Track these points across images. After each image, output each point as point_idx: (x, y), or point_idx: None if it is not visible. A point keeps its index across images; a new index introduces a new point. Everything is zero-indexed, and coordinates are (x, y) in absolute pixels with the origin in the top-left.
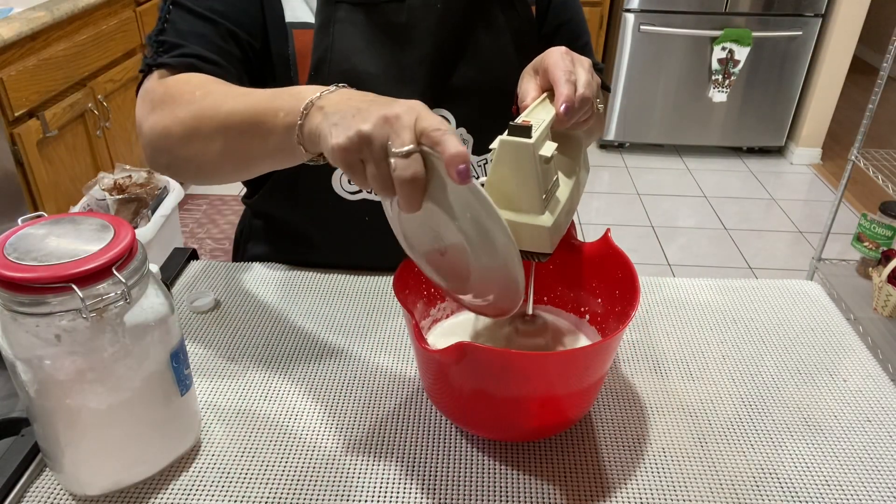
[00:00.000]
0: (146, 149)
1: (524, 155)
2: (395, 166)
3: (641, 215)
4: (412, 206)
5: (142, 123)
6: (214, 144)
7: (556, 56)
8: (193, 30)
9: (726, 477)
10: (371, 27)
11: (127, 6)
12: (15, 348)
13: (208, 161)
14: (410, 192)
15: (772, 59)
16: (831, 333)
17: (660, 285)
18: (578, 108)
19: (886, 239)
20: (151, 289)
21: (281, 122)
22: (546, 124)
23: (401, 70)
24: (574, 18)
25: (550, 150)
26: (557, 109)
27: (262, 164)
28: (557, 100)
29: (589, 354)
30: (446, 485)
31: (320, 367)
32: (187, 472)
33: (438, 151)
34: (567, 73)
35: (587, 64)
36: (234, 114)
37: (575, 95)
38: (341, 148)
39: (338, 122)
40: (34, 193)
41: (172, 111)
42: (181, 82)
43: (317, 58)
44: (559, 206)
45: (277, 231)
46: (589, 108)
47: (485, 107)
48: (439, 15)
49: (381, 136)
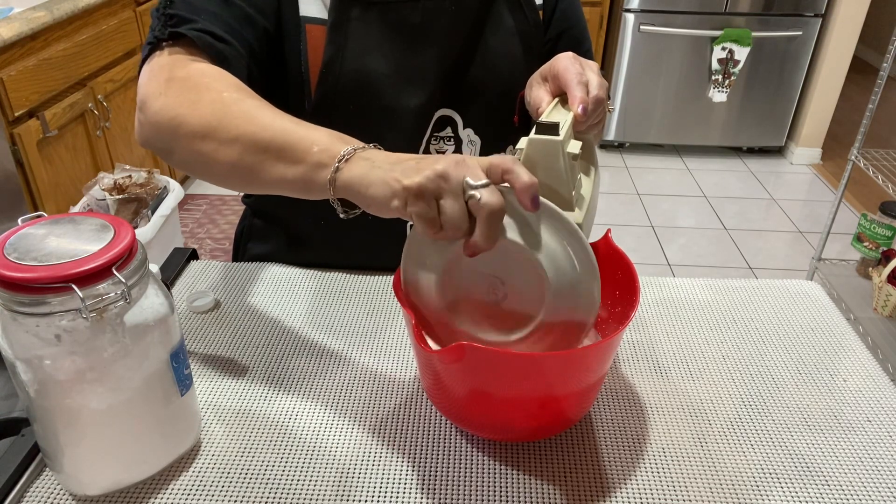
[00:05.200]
0: (146, 127)
1: (554, 152)
2: (481, 196)
3: (641, 215)
4: (493, 238)
5: (148, 100)
6: (230, 152)
7: (565, 61)
8: (206, 6)
9: (726, 477)
10: (384, 27)
11: (127, 6)
12: (15, 348)
13: (216, 165)
14: (496, 222)
15: (772, 59)
16: (831, 333)
17: (660, 285)
18: (594, 109)
19: (886, 239)
20: (151, 289)
21: (313, 158)
22: (569, 123)
23: (412, 71)
24: (577, 25)
25: (577, 147)
26: (575, 111)
27: (271, 188)
28: (573, 102)
29: (589, 354)
30: (446, 485)
31: (320, 367)
32: (187, 472)
33: (509, 180)
34: (579, 75)
35: (596, 67)
36: (265, 129)
37: (589, 97)
38: (418, 185)
39: (394, 170)
40: (34, 193)
41: (193, 101)
42: (208, 75)
43: (329, 56)
44: (585, 203)
45: (278, 230)
46: (602, 109)
47: (492, 108)
48: (452, 16)
49: (457, 174)
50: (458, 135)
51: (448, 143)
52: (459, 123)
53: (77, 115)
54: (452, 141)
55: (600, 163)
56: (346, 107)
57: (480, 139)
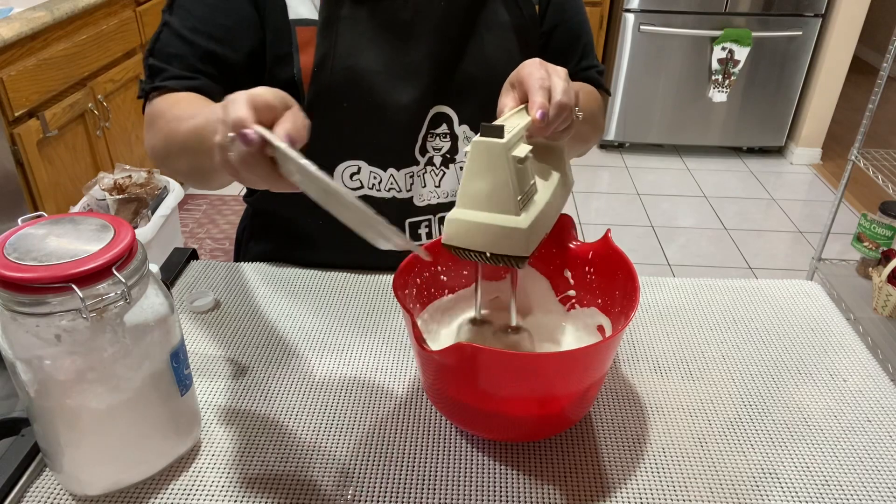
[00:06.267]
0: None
1: (497, 154)
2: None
3: (641, 215)
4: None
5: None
6: (182, 162)
7: (530, 67)
8: (177, 52)
9: (726, 477)
10: (374, 24)
11: (127, 6)
12: (15, 348)
13: (186, 175)
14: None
15: (772, 59)
16: (831, 333)
17: (660, 285)
18: (556, 115)
19: (886, 239)
20: (151, 289)
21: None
22: (520, 128)
23: (404, 67)
24: (574, 18)
25: (524, 151)
26: (533, 116)
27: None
28: (532, 107)
29: (589, 354)
30: (446, 485)
31: (320, 366)
32: (187, 472)
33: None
34: (541, 80)
35: (563, 73)
36: (187, 134)
37: (550, 102)
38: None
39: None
40: (34, 193)
41: (154, 132)
42: (162, 103)
43: (320, 55)
44: (537, 209)
45: (278, 229)
46: (567, 114)
47: (488, 104)
48: (443, 12)
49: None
50: (453, 131)
51: (444, 139)
52: (455, 120)
53: (77, 115)
54: (448, 138)
55: (601, 163)
56: (340, 105)
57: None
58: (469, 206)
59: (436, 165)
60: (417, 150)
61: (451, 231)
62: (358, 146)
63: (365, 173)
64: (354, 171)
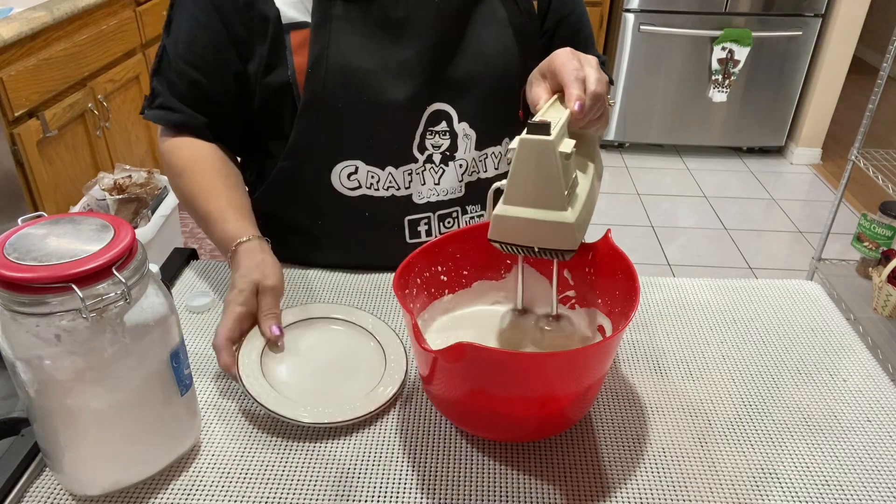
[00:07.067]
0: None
1: (545, 152)
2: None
3: (641, 215)
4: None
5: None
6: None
7: (562, 57)
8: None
9: (726, 477)
10: (368, 23)
11: (127, 6)
12: (15, 348)
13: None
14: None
15: (772, 59)
16: (831, 333)
17: (660, 285)
18: (591, 106)
19: (886, 239)
20: (151, 289)
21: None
22: (563, 122)
23: (399, 65)
24: (575, 12)
25: (569, 146)
26: (571, 108)
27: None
28: (569, 99)
29: (589, 354)
30: (446, 485)
31: None
32: (187, 472)
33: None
34: (576, 71)
35: (594, 62)
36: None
37: (586, 93)
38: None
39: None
40: (34, 193)
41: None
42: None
43: (314, 56)
44: (580, 202)
45: (278, 228)
46: (601, 104)
47: (486, 101)
48: (437, 9)
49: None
50: (453, 129)
51: (443, 137)
52: (454, 118)
53: (77, 115)
54: (448, 135)
55: None
56: (335, 104)
57: (476, 133)
58: (517, 203)
59: (435, 163)
60: (416, 148)
61: (499, 227)
62: (354, 146)
63: (363, 173)
64: (352, 171)
